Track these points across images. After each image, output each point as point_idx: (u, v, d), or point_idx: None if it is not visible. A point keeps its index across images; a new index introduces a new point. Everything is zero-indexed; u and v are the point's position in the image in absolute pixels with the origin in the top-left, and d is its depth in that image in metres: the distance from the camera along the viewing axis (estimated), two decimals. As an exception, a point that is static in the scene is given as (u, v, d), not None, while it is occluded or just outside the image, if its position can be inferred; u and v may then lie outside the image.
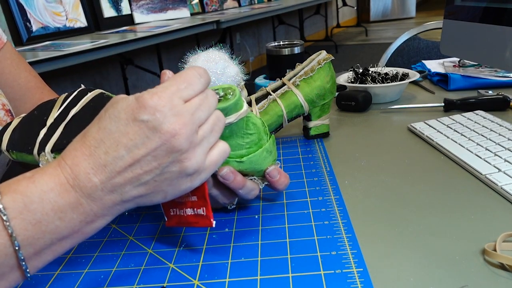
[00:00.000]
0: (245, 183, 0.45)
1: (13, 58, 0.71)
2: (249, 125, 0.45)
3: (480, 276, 0.37)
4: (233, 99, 0.42)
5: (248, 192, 0.46)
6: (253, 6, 3.89)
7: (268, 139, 0.47)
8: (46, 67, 1.76)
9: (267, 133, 0.48)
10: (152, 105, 0.34)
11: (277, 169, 0.48)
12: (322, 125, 0.70)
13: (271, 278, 0.39)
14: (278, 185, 0.48)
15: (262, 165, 0.47)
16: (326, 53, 0.67)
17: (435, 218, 0.46)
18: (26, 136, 0.48)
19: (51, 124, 0.47)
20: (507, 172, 0.51)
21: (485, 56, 0.72)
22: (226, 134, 0.43)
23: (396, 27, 6.64)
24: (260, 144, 0.46)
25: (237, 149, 0.45)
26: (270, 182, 0.48)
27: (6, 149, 0.48)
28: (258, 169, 0.47)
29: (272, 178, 0.47)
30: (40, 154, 0.46)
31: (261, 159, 0.46)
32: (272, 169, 0.47)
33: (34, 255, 0.33)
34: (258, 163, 0.46)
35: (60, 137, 0.45)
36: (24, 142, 0.47)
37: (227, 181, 0.44)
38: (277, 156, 0.50)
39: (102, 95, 0.48)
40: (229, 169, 0.44)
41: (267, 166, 0.47)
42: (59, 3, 2.47)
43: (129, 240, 0.48)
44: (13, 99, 0.69)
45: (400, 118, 0.77)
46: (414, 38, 1.38)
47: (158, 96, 0.35)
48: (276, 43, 0.97)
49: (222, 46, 0.50)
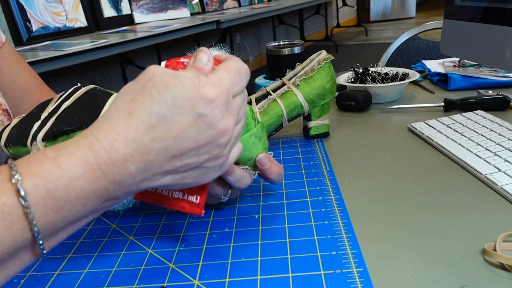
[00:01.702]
0: (233, 169, 0.45)
1: (12, 58, 0.71)
2: None
3: (480, 276, 0.37)
4: None
5: (238, 180, 0.46)
6: (253, 6, 3.89)
7: (256, 124, 0.47)
8: (46, 67, 1.76)
9: (255, 119, 0.48)
10: (212, 98, 0.33)
11: (268, 157, 0.47)
12: (322, 125, 0.70)
13: (271, 278, 0.39)
14: (269, 174, 0.47)
15: (251, 151, 0.46)
16: (326, 53, 0.67)
17: (435, 218, 0.46)
18: (22, 131, 0.48)
19: (45, 118, 0.48)
20: (507, 172, 0.51)
21: (485, 56, 0.72)
22: None
23: (396, 27, 6.64)
24: (247, 129, 0.46)
25: None
26: (261, 170, 0.47)
27: (4, 144, 0.49)
28: (247, 155, 0.46)
29: (262, 165, 0.47)
30: (32, 144, 0.46)
31: (249, 144, 0.46)
32: (262, 156, 0.47)
33: (51, 235, 0.32)
34: (246, 149, 0.46)
35: (51, 126, 0.46)
36: (20, 136, 0.48)
37: None
38: (268, 145, 0.49)
39: (94, 90, 0.48)
40: None
41: (257, 153, 0.47)
42: (59, 3, 2.47)
43: (129, 240, 0.48)
44: (12, 99, 0.69)
45: (400, 118, 0.77)
46: (414, 38, 1.38)
47: (219, 90, 0.33)
48: (276, 43, 0.97)
49: (222, 46, 0.50)
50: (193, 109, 0.33)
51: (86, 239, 0.49)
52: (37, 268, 0.45)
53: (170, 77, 0.33)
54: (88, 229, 0.51)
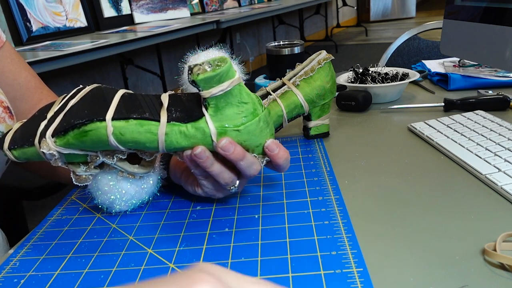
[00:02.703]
0: (245, 154, 0.45)
1: (13, 57, 0.71)
2: (242, 94, 0.45)
3: (480, 276, 0.37)
4: (225, 66, 0.42)
5: (250, 165, 0.46)
6: (253, 6, 3.89)
7: (263, 110, 0.47)
8: (46, 67, 1.76)
9: (262, 105, 0.48)
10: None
11: (276, 142, 0.47)
12: (322, 125, 0.70)
13: (271, 278, 0.39)
14: (278, 159, 0.47)
15: (259, 136, 0.46)
16: (326, 53, 0.67)
17: (435, 218, 0.46)
18: (27, 131, 0.48)
19: (51, 116, 0.48)
20: (507, 172, 0.51)
21: (485, 56, 0.72)
22: (221, 104, 0.44)
23: (396, 27, 6.64)
24: (255, 113, 0.46)
25: (234, 118, 0.45)
26: (270, 156, 0.47)
27: (8, 148, 0.48)
28: (256, 141, 0.46)
29: (271, 151, 0.47)
30: (41, 141, 0.46)
31: (258, 130, 0.46)
32: (270, 142, 0.47)
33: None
34: (255, 134, 0.46)
35: (60, 122, 0.46)
36: (25, 137, 0.48)
37: (227, 152, 0.44)
38: (274, 132, 0.50)
39: (100, 87, 0.49)
40: (228, 139, 0.44)
41: (265, 139, 0.47)
42: (59, 3, 2.47)
43: (129, 240, 0.48)
44: (13, 98, 0.69)
45: (400, 118, 0.77)
46: (414, 38, 1.38)
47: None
48: (276, 43, 0.97)
49: (222, 46, 0.50)
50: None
51: (86, 239, 0.49)
52: (37, 268, 0.45)
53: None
54: (88, 229, 0.51)
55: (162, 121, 0.44)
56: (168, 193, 0.58)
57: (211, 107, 0.44)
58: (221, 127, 0.44)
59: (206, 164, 0.45)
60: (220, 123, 0.44)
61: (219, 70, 0.42)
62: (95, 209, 0.55)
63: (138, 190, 0.52)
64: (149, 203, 0.56)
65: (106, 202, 0.51)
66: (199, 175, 0.49)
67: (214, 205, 0.53)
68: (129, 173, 0.50)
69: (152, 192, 0.53)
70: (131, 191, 0.51)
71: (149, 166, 0.52)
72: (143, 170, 0.51)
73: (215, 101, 0.44)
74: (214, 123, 0.44)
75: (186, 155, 0.46)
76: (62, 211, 0.56)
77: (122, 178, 0.51)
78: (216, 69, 0.42)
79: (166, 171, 0.56)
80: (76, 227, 0.52)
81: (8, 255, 0.47)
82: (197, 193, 0.52)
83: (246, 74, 0.65)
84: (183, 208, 0.54)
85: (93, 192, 0.51)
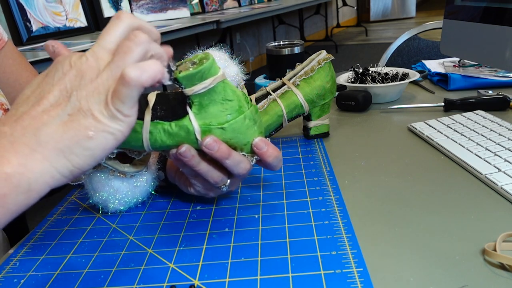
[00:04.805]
0: (230, 152, 0.44)
1: (15, 57, 0.71)
2: (227, 91, 0.44)
3: (480, 276, 0.37)
4: (207, 63, 0.41)
5: (237, 163, 0.45)
6: (253, 6, 3.89)
7: (249, 107, 0.46)
8: (46, 67, 1.74)
9: (248, 102, 0.47)
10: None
11: (264, 140, 0.46)
12: (322, 125, 0.70)
13: (271, 278, 0.39)
14: (267, 158, 0.46)
15: (246, 134, 0.46)
16: (326, 53, 0.67)
17: (435, 218, 0.46)
18: None
19: None
20: (507, 172, 0.51)
21: (485, 56, 0.72)
22: (205, 102, 0.43)
23: (396, 27, 6.64)
24: (241, 111, 0.45)
25: (218, 116, 0.44)
26: (258, 155, 0.46)
27: None
28: (243, 140, 0.45)
29: (259, 149, 0.45)
30: None
31: (244, 127, 0.45)
32: (258, 140, 0.46)
33: None
34: (241, 131, 0.45)
35: None
36: None
37: (212, 150, 0.43)
38: (263, 130, 0.49)
39: None
40: (212, 138, 0.43)
41: (253, 137, 0.46)
42: (59, 3, 2.47)
43: (129, 240, 0.48)
44: (14, 98, 0.69)
45: (400, 118, 0.77)
46: (414, 38, 1.38)
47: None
48: (276, 43, 0.97)
49: (222, 46, 0.50)
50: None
51: (86, 239, 0.49)
52: (37, 268, 0.45)
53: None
54: (88, 229, 0.51)
55: (146, 120, 0.44)
56: (168, 193, 0.58)
57: (195, 105, 0.43)
58: (205, 125, 0.44)
59: (192, 163, 0.45)
60: (204, 121, 0.44)
61: (201, 67, 0.41)
62: (95, 209, 0.55)
63: (131, 188, 0.52)
64: (149, 203, 0.56)
65: (99, 200, 0.52)
66: (188, 174, 0.49)
67: (214, 205, 0.53)
68: (120, 172, 0.51)
69: (146, 191, 0.54)
70: (123, 190, 0.52)
71: (141, 165, 0.52)
72: (134, 169, 0.51)
73: (199, 99, 0.43)
74: (198, 121, 0.44)
75: (172, 153, 0.45)
76: (62, 211, 0.56)
77: (114, 176, 0.51)
78: (198, 66, 0.41)
79: (164, 171, 0.56)
80: (76, 227, 0.52)
81: (8, 255, 0.47)
82: (190, 192, 0.52)
83: (246, 74, 0.65)
84: (183, 208, 0.54)
85: (88, 191, 0.52)
